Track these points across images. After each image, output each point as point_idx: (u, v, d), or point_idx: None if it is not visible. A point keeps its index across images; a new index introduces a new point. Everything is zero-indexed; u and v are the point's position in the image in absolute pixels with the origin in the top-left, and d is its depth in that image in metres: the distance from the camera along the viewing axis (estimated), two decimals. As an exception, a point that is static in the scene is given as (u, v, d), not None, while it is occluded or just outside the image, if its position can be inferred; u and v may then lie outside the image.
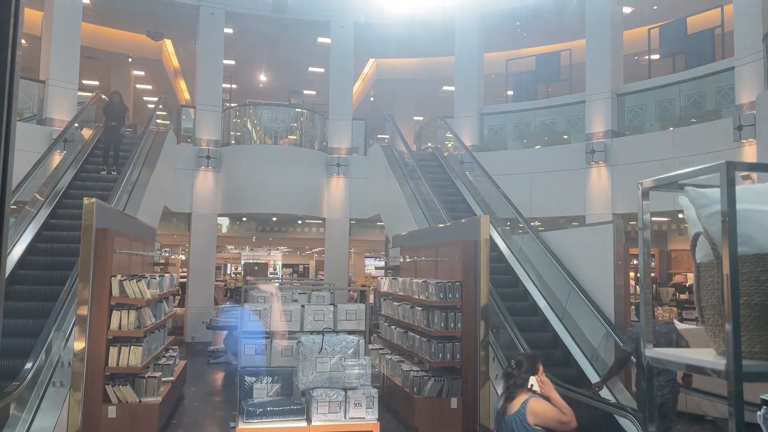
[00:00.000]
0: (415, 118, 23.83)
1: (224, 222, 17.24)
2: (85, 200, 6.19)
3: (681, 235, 16.33)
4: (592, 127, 12.91)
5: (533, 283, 9.19)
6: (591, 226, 9.98)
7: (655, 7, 14.52)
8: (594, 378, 7.15)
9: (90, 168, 11.25)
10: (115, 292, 6.34)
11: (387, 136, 17.20)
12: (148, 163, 11.44)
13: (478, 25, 14.76)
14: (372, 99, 21.79)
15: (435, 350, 7.10)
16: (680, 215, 9.11)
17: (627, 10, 14.24)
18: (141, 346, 6.36)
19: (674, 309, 15.92)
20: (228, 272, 36.62)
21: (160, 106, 13.57)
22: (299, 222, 17.68)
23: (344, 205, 14.79)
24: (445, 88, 20.03)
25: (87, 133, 12.47)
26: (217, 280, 30.69)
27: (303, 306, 5.67)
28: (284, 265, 35.39)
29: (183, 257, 9.83)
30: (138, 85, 20.75)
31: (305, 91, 20.30)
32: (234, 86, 19.78)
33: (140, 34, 16.43)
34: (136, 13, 14.58)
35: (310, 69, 19.69)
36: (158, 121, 14.21)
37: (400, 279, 8.69)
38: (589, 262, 8.34)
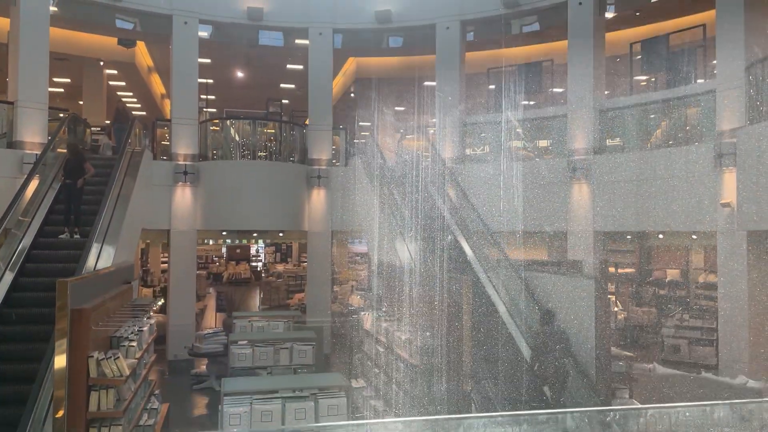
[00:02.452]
0: (397, 108, 23.61)
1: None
2: (59, 282, 6.02)
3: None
4: (574, 143, 12.85)
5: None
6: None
7: (637, 14, 14.35)
8: None
9: (50, 230, 9.87)
10: (93, 372, 6.22)
11: (367, 134, 17.00)
12: (124, 191, 11.13)
13: (459, 34, 14.47)
14: (352, 95, 21.45)
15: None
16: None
17: (609, 15, 14.03)
18: (121, 425, 6.28)
19: (653, 310, 16.25)
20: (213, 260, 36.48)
21: (136, 129, 13.16)
22: (281, 234, 17.53)
23: (326, 218, 14.66)
24: (426, 84, 19.81)
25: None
26: (200, 269, 30.59)
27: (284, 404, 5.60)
28: (267, 244, 35.26)
29: (161, 302, 9.61)
30: (111, 82, 20.18)
31: (284, 101, 19.87)
32: (211, 97, 19.32)
33: (112, 38, 15.88)
34: (108, 24, 14.03)
35: (289, 68, 19.26)
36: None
37: (384, 324, 8.66)
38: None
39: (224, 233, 16.44)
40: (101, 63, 17.45)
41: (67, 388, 5.95)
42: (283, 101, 23.05)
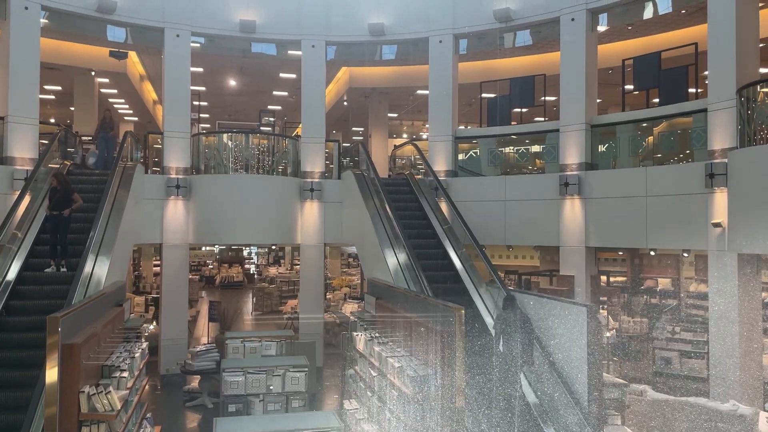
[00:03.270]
0: (390, 115, 23.61)
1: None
2: (49, 318, 5.98)
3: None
4: (566, 159, 12.87)
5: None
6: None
7: (629, 27, 14.39)
8: None
9: (36, 263, 9.61)
10: (84, 408, 6.20)
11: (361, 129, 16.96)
12: (116, 209, 11.06)
13: (452, 48, 14.46)
14: (345, 103, 21.44)
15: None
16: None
17: (602, 28, 14.05)
18: (112, 461, 6.26)
19: (644, 320, 16.33)
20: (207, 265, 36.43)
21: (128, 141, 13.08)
22: (273, 246, 17.49)
23: (319, 230, 14.63)
24: (419, 92, 19.82)
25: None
26: (193, 274, 30.47)
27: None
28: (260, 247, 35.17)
29: (153, 327, 9.46)
30: (103, 90, 20.06)
31: (277, 107, 19.84)
32: (204, 104, 19.25)
33: (103, 48, 15.76)
34: (99, 35, 13.92)
35: (281, 76, 19.21)
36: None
37: (377, 348, 8.66)
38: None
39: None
40: (93, 73, 17.34)
41: (57, 427, 5.92)
42: (276, 110, 23.06)
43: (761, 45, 10.89)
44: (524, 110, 14.86)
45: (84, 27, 13.59)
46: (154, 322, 15.29)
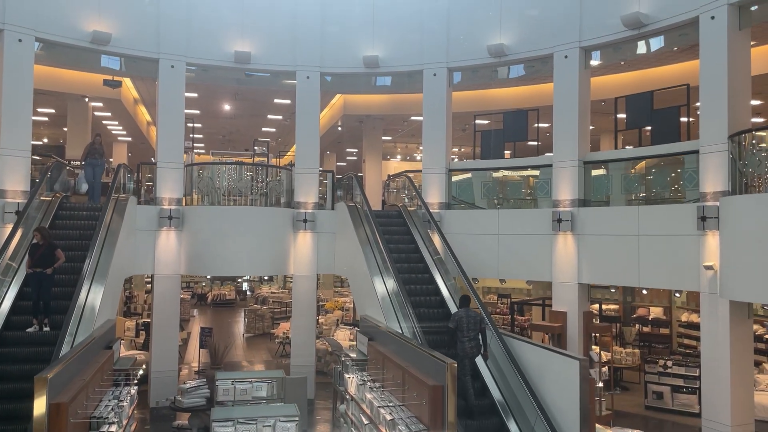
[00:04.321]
0: (384, 138, 23.69)
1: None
2: (37, 379, 5.92)
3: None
4: (558, 194, 12.92)
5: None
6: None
7: (622, 62, 14.49)
8: None
9: (17, 321, 9.20)
10: (71, 469, 6.12)
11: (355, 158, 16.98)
12: (109, 243, 10.99)
13: (446, 81, 14.53)
14: (339, 128, 21.50)
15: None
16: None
17: (595, 63, 14.15)
18: None
19: (637, 351, 16.34)
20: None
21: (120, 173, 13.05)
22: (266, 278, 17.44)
23: (311, 261, 14.58)
24: (413, 118, 19.90)
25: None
26: (185, 292, 30.27)
27: None
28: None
29: (142, 371, 9.34)
30: (96, 113, 20.03)
31: (270, 129, 19.85)
32: (197, 125, 19.23)
33: (97, 74, 15.72)
34: (93, 63, 13.90)
35: (276, 101, 19.26)
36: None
37: (368, 395, 8.61)
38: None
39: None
40: (86, 99, 17.32)
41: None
42: (271, 132, 23.10)
43: (755, 75, 10.96)
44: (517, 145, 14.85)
45: (78, 57, 13.57)
46: (143, 354, 15.14)
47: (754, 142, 9.35)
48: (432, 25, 14.54)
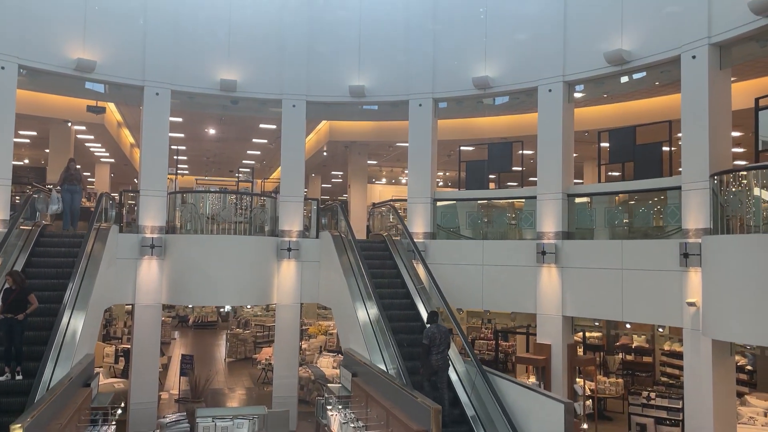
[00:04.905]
0: (369, 162, 23.70)
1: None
2: (12, 428, 5.77)
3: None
4: (543, 226, 12.97)
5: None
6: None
7: (605, 95, 14.66)
8: None
9: None
10: None
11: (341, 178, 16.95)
12: (89, 273, 10.83)
13: (431, 111, 14.60)
14: (325, 153, 21.49)
15: None
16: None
17: (578, 95, 14.29)
18: None
19: (620, 381, 16.36)
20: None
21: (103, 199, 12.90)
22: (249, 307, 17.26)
23: (295, 290, 14.47)
24: (399, 144, 19.95)
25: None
26: (166, 315, 29.85)
27: None
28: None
29: (121, 410, 9.10)
30: (79, 136, 19.84)
31: (256, 152, 19.80)
32: (181, 147, 19.11)
33: (81, 99, 15.58)
34: (77, 89, 13.78)
35: (262, 127, 19.23)
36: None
37: (351, 437, 8.50)
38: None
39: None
40: (69, 124, 17.15)
41: None
42: (256, 155, 23.01)
43: (735, 110, 11.12)
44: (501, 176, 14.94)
45: (62, 84, 13.45)
46: (123, 382, 14.86)
47: (734, 182, 9.45)
48: (417, 57, 14.63)
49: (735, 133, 14.43)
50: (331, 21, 15.04)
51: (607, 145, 12.94)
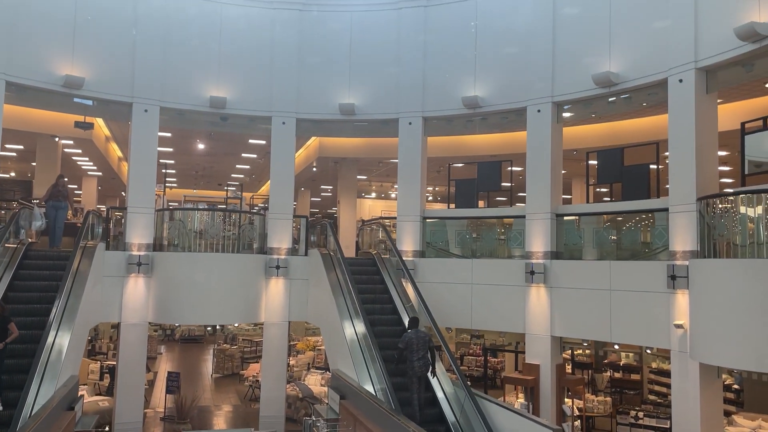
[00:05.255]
0: (359, 177, 23.70)
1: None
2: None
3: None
4: (531, 246, 13.00)
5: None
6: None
7: (593, 115, 14.76)
8: None
9: None
10: None
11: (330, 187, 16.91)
12: (75, 293, 10.70)
13: (421, 130, 14.64)
14: (314, 169, 21.46)
15: None
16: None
17: (567, 115, 14.36)
18: None
19: (608, 399, 16.37)
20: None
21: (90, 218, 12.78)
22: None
23: (283, 308, 14.38)
24: (389, 160, 19.96)
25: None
26: (153, 328, 29.46)
27: None
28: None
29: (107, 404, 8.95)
30: (66, 150, 19.68)
31: (245, 166, 19.73)
32: (170, 162, 19.02)
33: (68, 114, 15.43)
34: (65, 104, 13.68)
35: (251, 142, 19.17)
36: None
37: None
38: None
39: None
40: (56, 139, 17.02)
41: None
42: (245, 169, 22.94)
43: (721, 131, 11.22)
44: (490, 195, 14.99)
45: (50, 100, 13.36)
46: (108, 400, 14.67)
47: (720, 205, 9.52)
48: (408, 75, 14.68)
49: (722, 153, 14.61)
50: (322, 38, 15.07)
51: (595, 162, 13.02)
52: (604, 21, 12.20)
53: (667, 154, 11.10)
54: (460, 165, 17.63)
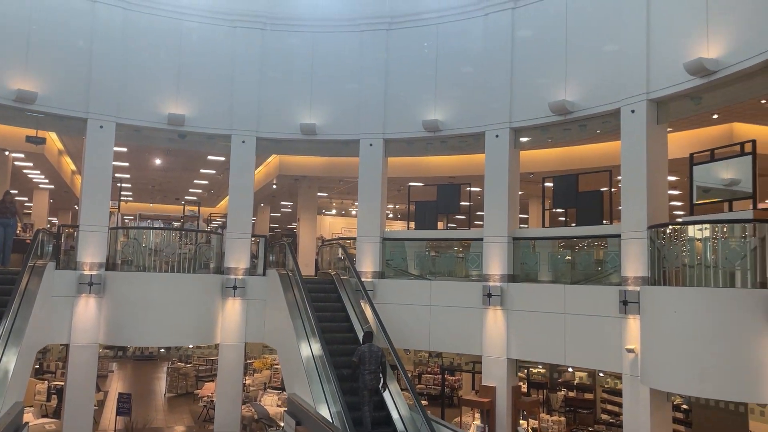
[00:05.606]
0: (319, 194, 23.65)
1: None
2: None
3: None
4: (489, 269, 13.15)
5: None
6: None
7: (549, 140, 15.09)
8: None
9: None
10: None
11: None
12: (22, 315, 10.34)
13: (382, 151, 14.71)
14: (274, 187, 21.32)
15: None
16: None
17: (524, 139, 14.64)
18: None
19: (563, 419, 16.60)
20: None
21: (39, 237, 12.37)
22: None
23: (240, 329, 14.15)
24: (349, 178, 19.97)
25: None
26: (104, 348, 28.57)
27: None
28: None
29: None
30: (17, 163, 19.08)
31: (204, 181, 19.46)
32: (125, 176, 18.62)
33: (18, 128, 14.98)
34: (17, 118, 13.27)
35: (210, 158, 18.94)
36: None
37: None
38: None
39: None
40: (6, 153, 16.49)
41: None
42: (204, 183, 22.61)
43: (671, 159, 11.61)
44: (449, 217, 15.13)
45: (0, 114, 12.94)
46: (54, 423, 14.17)
47: (670, 234, 9.83)
48: (369, 98, 14.71)
49: (673, 178, 15.12)
50: (283, 57, 14.97)
51: (551, 184, 13.29)
52: (560, 49, 12.51)
53: (620, 177, 11.44)
54: (420, 185, 17.80)
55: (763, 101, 12.70)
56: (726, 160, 10.05)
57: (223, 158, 18.21)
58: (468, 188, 14.96)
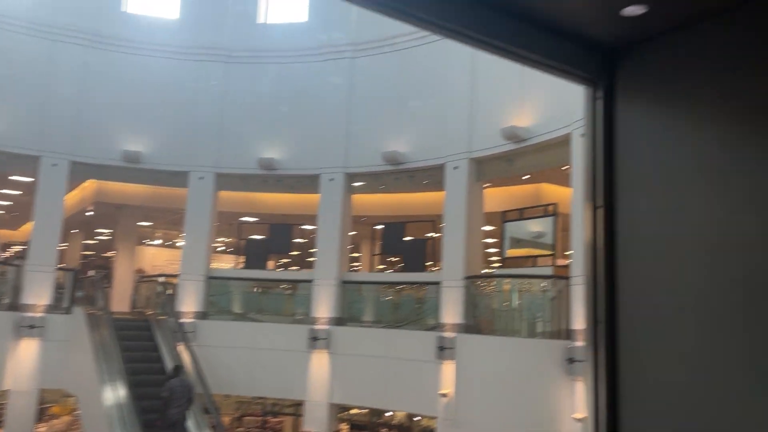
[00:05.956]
0: (144, 223, 22.10)
1: None
2: None
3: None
4: (317, 311, 13.12)
5: None
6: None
7: (382, 187, 15.60)
8: None
9: None
10: None
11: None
12: None
13: (212, 186, 14.20)
14: (90, 213, 19.53)
15: None
16: None
17: (358, 184, 14.93)
18: None
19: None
20: None
21: None
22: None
23: (35, 374, 12.60)
24: (177, 209, 18.90)
25: None
26: None
27: None
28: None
29: None
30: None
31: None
32: None
33: None
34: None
35: (12, 179, 16.88)
36: None
37: None
38: None
39: None
40: None
41: None
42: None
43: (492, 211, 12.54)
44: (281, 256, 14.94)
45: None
46: None
47: (483, 285, 10.57)
48: (202, 129, 14.22)
49: (490, 227, 16.37)
50: (112, 78, 14.01)
51: (381, 226, 13.67)
52: (394, 103, 13.12)
53: (443, 225, 12.12)
54: (252, 220, 17.36)
55: (564, 168, 14.28)
56: (533, 219, 11.09)
57: (32, 179, 16.34)
58: (300, 227, 14.91)
